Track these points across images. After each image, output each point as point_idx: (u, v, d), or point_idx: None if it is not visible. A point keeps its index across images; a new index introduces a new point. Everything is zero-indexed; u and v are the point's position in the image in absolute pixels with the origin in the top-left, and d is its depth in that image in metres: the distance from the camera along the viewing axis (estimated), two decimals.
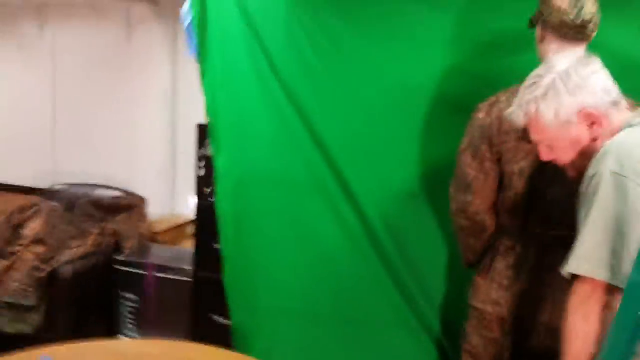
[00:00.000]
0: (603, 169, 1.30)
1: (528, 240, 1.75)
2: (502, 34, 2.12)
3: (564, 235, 1.72)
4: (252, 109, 2.31)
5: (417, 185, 2.28)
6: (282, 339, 2.32)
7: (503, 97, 1.72)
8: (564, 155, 1.45)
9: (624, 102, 1.44)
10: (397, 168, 2.22)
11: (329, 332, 2.26)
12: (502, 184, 1.74)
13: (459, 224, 1.85)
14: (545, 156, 1.48)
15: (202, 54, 2.32)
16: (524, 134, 1.65)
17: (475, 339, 1.88)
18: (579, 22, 1.64)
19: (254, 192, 2.29)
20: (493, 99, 1.74)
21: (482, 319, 1.85)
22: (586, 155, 1.39)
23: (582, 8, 1.63)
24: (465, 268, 1.97)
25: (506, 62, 2.14)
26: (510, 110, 1.51)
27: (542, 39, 1.74)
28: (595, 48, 1.86)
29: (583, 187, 1.37)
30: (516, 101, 1.48)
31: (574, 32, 1.66)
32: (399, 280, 2.28)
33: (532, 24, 1.78)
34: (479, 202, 1.76)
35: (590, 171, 1.35)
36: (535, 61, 1.77)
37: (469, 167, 1.76)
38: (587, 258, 1.31)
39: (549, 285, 1.74)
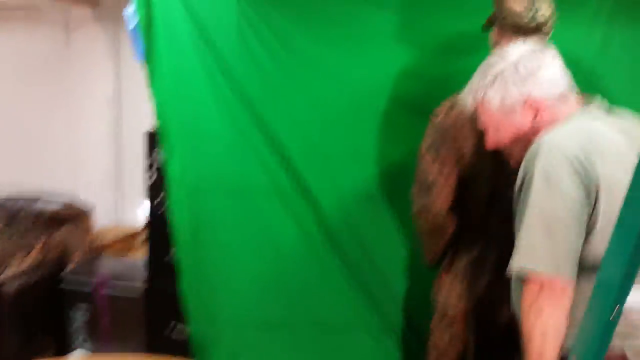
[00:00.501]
0: (533, 166, 1.32)
1: (490, 237, 1.77)
2: (458, 36, 2.14)
3: None
4: (204, 114, 2.25)
5: (376, 187, 2.28)
6: (244, 347, 2.28)
7: (460, 100, 1.72)
8: (508, 142, 1.50)
9: (573, 97, 1.46)
10: (355, 170, 2.21)
11: (292, 338, 2.24)
12: (462, 184, 1.75)
13: (420, 225, 1.85)
14: (491, 141, 1.51)
15: (150, 58, 2.24)
16: (480, 135, 1.67)
17: (439, 334, 1.89)
18: (533, 24, 1.66)
19: (210, 199, 2.23)
20: (451, 101, 1.75)
21: (446, 314, 1.86)
22: (527, 147, 1.41)
23: (536, 11, 1.66)
24: (424, 264, 1.97)
25: (462, 64, 2.14)
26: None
27: (497, 42, 1.76)
28: None
29: (517, 184, 1.39)
30: (467, 86, 1.53)
31: (528, 34, 1.67)
32: (361, 282, 2.27)
33: (487, 27, 1.79)
34: (439, 203, 1.76)
35: (522, 167, 1.37)
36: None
37: (429, 169, 1.76)
38: (528, 256, 1.32)
39: (508, 281, 1.75)
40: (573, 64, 2.10)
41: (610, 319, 1.12)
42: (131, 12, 2.23)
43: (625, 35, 2.07)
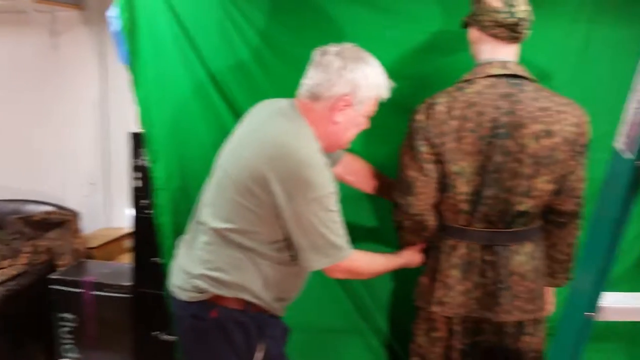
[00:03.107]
0: None
1: (470, 239, 1.77)
2: (441, 34, 2.14)
3: (505, 233, 1.75)
4: (189, 118, 2.24)
5: (354, 189, 2.27)
6: None
7: (440, 98, 1.73)
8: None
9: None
10: None
11: None
12: (443, 184, 1.75)
13: (400, 224, 1.85)
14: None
15: (134, 61, 2.23)
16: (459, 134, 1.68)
17: (422, 339, 1.89)
18: (511, 21, 1.66)
19: (194, 204, 2.22)
20: (430, 100, 1.75)
21: (428, 318, 1.87)
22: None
23: (513, 6, 1.66)
24: (411, 268, 1.97)
25: (442, 63, 2.16)
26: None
27: (476, 39, 1.76)
28: (526, 46, 1.91)
29: None
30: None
31: (507, 31, 1.68)
32: (347, 285, 2.27)
33: (465, 24, 1.80)
34: (420, 203, 1.76)
35: None
36: (470, 61, 1.80)
37: (409, 168, 1.76)
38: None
39: (492, 283, 1.76)
40: (556, 61, 2.13)
41: (586, 317, 1.13)
42: (114, 15, 2.21)
43: (605, 34, 2.07)
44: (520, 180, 1.70)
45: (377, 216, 2.30)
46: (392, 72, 2.17)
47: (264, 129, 1.67)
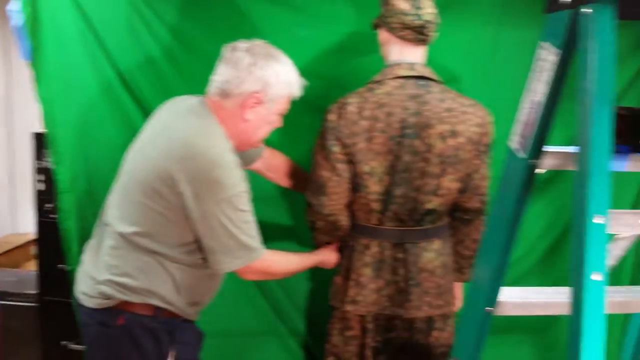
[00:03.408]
0: None
1: (382, 237, 1.79)
2: (352, 35, 2.16)
3: (414, 231, 1.79)
4: (96, 116, 2.15)
5: (269, 188, 2.26)
6: None
7: (351, 99, 1.75)
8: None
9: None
10: (250, 171, 2.18)
11: None
12: (355, 184, 1.76)
13: (313, 225, 1.85)
14: None
15: (36, 58, 2.11)
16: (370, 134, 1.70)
17: (336, 338, 1.90)
18: (418, 23, 1.69)
19: (102, 205, 2.13)
20: (342, 100, 1.76)
21: (342, 317, 1.88)
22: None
23: (421, 9, 1.69)
24: (326, 268, 1.98)
25: (356, 63, 2.18)
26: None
27: (385, 41, 1.79)
28: (437, 48, 1.96)
29: None
30: None
31: (414, 33, 1.71)
32: (264, 287, 2.25)
33: (375, 26, 1.82)
34: (333, 203, 1.77)
35: None
36: (381, 61, 1.82)
37: (322, 168, 1.76)
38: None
39: (403, 280, 1.79)
40: (466, 64, 2.19)
41: (486, 312, 1.16)
42: (16, 9, 2.09)
43: (513, 36, 2.15)
44: (428, 179, 1.74)
45: (293, 215, 2.29)
46: (306, 72, 2.17)
47: (173, 128, 1.62)
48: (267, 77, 1.62)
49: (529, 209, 2.24)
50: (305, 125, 2.13)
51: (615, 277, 2.36)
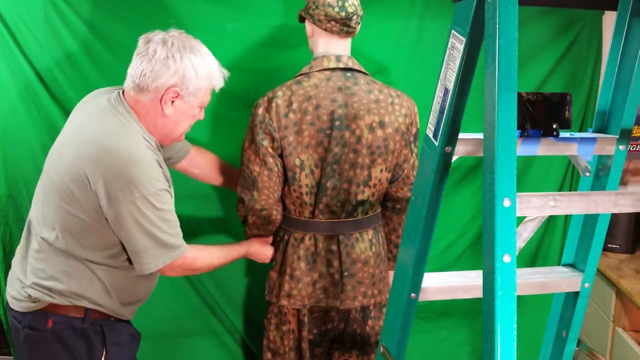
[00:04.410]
0: None
1: (315, 230, 1.79)
2: (280, 28, 2.14)
3: (347, 222, 1.80)
4: (14, 117, 2.06)
5: (198, 183, 2.23)
6: None
7: (279, 92, 1.73)
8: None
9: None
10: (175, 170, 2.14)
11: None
12: (286, 177, 1.75)
13: (245, 220, 1.83)
14: None
15: None
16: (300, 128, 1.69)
17: (272, 333, 1.89)
18: (343, 14, 1.69)
19: (23, 207, 2.05)
20: (270, 94, 1.74)
21: (278, 312, 1.87)
22: None
23: (345, 1, 1.69)
24: (260, 264, 1.96)
25: (285, 56, 2.17)
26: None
27: (311, 33, 1.78)
28: (364, 40, 1.97)
29: None
30: None
31: (339, 25, 1.71)
32: (198, 285, 2.22)
33: (301, 19, 1.81)
34: (264, 197, 1.75)
35: None
36: (309, 55, 1.82)
37: (252, 163, 1.74)
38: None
39: (337, 272, 1.79)
40: (393, 54, 2.22)
41: (410, 298, 1.18)
42: None
43: (436, 28, 2.19)
44: (358, 170, 1.75)
45: (223, 209, 2.26)
46: (235, 66, 2.15)
47: (87, 127, 1.55)
48: (185, 70, 1.53)
49: (459, 194, 2.34)
50: (236, 119, 2.11)
51: (543, 259, 2.46)
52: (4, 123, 2.06)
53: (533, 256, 2.44)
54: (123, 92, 1.60)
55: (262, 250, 1.86)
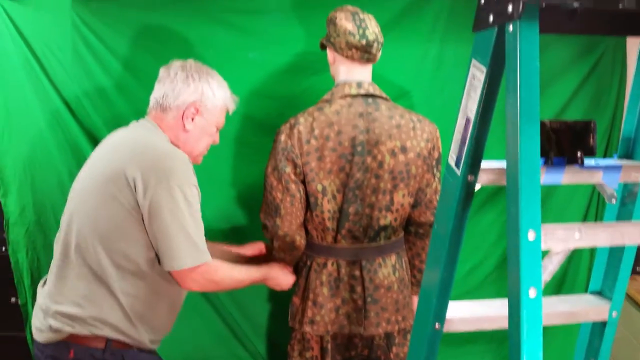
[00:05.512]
0: None
1: (338, 256, 1.79)
2: (302, 56, 2.17)
3: (370, 248, 1.79)
4: (42, 145, 2.11)
5: (234, 209, 2.25)
6: None
7: (301, 118, 1.74)
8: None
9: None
10: (211, 192, 2.14)
11: None
12: (308, 203, 1.76)
13: (270, 245, 1.84)
14: None
15: None
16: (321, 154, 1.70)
17: (296, 358, 1.88)
18: (364, 42, 1.71)
19: (51, 235, 2.08)
20: (292, 120, 1.76)
21: (301, 338, 1.87)
22: None
23: (366, 28, 1.71)
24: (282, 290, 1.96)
25: (307, 83, 2.19)
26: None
27: (332, 61, 1.80)
28: (385, 65, 1.97)
29: None
30: None
31: (360, 52, 1.72)
32: (222, 310, 2.23)
33: (323, 46, 1.83)
34: (287, 224, 1.76)
35: None
36: (331, 81, 1.83)
37: (275, 190, 1.75)
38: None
39: (360, 298, 1.78)
40: (412, 79, 2.22)
41: (435, 328, 1.16)
42: None
43: (456, 54, 2.19)
44: (380, 195, 1.74)
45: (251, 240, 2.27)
46: (258, 92, 2.19)
47: (119, 141, 1.65)
48: (203, 88, 1.68)
49: (482, 218, 2.32)
50: (259, 144, 2.13)
51: (570, 283, 2.41)
52: (33, 151, 2.10)
53: (560, 280, 2.40)
54: (147, 115, 1.71)
55: (282, 276, 1.84)
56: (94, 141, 2.08)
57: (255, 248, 2.01)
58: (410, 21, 2.19)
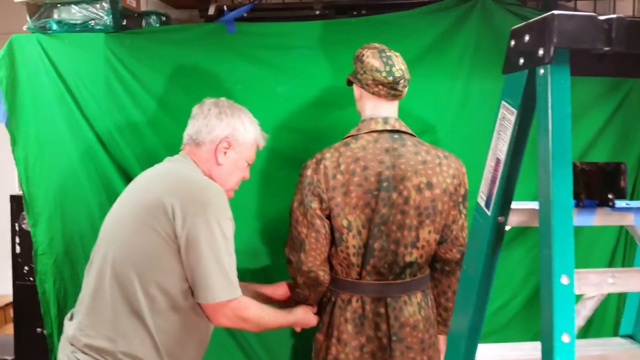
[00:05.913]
0: None
1: (362, 292, 1.77)
2: (328, 90, 2.20)
3: (395, 284, 1.77)
4: (73, 178, 2.16)
5: (259, 242, 2.25)
6: None
7: (327, 154, 1.75)
8: None
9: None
10: (236, 226, 2.16)
11: None
12: (333, 238, 1.76)
13: (294, 281, 1.83)
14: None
15: (12, 121, 2.13)
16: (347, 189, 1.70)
17: None
18: (390, 79, 1.72)
19: (79, 267, 2.11)
20: (318, 155, 1.77)
21: None
22: None
23: (392, 66, 1.72)
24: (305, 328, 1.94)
25: (332, 117, 2.21)
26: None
27: (359, 97, 1.81)
28: (412, 101, 1.98)
29: None
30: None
31: (386, 89, 1.74)
32: (247, 348, 2.22)
33: (349, 83, 1.85)
34: (311, 259, 1.76)
35: None
36: (357, 115, 1.85)
37: (300, 225, 1.76)
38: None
39: (385, 336, 1.76)
40: (438, 114, 2.23)
41: None
42: None
43: (482, 89, 2.19)
44: (406, 231, 1.73)
45: (275, 273, 2.26)
46: (284, 126, 2.21)
47: (155, 176, 1.68)
48: (235, 123, 1.74)
49: (511, 255, 2.28)
50: (285, 178, 2.15)
51: (598, 323, 2.35)
52: (64, 182, 2.15)
53: (588, 321, 2.34)
54: (181, 151, 1.76)
55: (307, 320, 1.85)
56: (125, 175, 2.12)
57: (280, 289, 1.99)
58: (436, 57, 2.21)
